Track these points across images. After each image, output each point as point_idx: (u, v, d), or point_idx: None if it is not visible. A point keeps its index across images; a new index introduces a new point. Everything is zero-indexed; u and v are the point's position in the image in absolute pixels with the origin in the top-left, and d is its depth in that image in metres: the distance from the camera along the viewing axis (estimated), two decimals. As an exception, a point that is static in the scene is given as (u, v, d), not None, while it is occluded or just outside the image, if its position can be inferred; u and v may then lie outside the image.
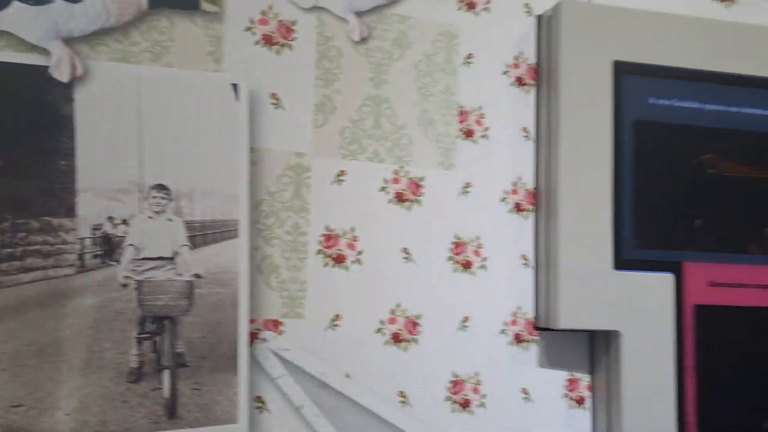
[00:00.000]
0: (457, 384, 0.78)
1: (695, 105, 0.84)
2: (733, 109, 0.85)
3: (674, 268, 0.81)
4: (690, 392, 0.80)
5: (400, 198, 0.78)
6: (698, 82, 0.84)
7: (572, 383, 0.83)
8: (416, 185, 0.79)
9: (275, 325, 0.72)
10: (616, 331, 0.79)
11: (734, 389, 0.82)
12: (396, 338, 0.76)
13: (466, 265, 0.80)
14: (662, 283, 0.81)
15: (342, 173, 0.76)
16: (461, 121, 0.81)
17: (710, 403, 0.80)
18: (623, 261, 0.80)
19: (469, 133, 0.82)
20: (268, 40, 0.75)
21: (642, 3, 0.88)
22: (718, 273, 0.83)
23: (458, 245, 0.80)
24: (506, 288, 0.81)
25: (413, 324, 0.77)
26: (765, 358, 0.83)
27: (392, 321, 0.77)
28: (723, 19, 0.91)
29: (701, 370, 0.81)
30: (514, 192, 0.83)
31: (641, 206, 0.81)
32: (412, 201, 0.79)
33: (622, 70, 0.82)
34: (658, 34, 0.84)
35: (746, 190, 0.84)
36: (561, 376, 0.83)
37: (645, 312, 0.80)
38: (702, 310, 0.82)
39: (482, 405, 0.79)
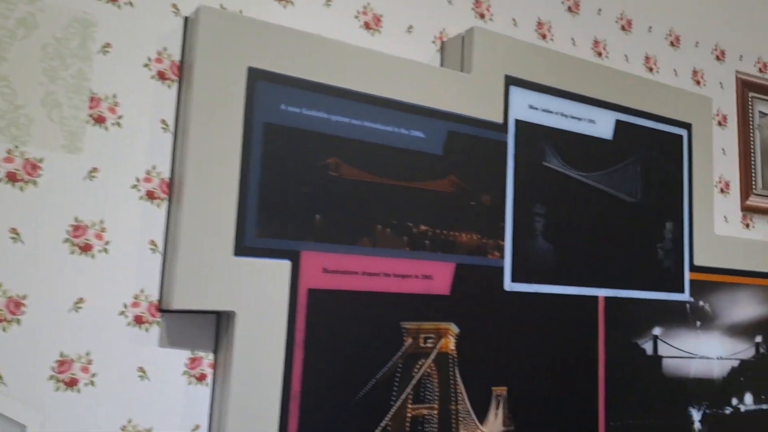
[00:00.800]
0: (64, 363, 0.79)
1: (323, 115, 0.95)
2: (356, 122, 0.98)
3: (292, 255, 0.91)
4: (297, 364, 0.90)
5: (12, 178, 0.77)
6: (327, 95, 0.95)
7: (194, 361, 0.89)
8: (33, 166, 0.79)
9: None
10: (232, 312, 0.87)
11: (339, 361, 0.94)
12: (-6, 317, 0.76)
13: (85, 248, 0.81)
14: (280, 268, 0.90)
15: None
16: (92, 107, 0.83)
17: (315, 373, 0.91)
18: (244, 248, 0.87)
19: (100, 119, 0.83)
20: None
21: (292, 21, 0.99)
22: (331, 261, 0.94)
23: (77, 228, 0.81)
24: (130, 272, 0.84)
25: (16, 304, 0.77)
26: (366, 337, 0.96)
27: (-7, 300, 0.76)
28: (363, 45, 1.05)
29: (309, 344, 0.91)
30: (147, 180, 0.86)
31: (265, 200, 0.89)
32: (26, 182, 0.78)
33: (256, 77, 0.90)
34: (296, 49, 0.93)
35: (361, 192, 0.97)
36: (183, 355, 0.88)
37: (263, 294, 0.88)
38: (314, 293, 0.93)
39: (91, 383, 0.81)
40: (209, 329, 0.90)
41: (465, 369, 1.05)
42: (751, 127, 1.59)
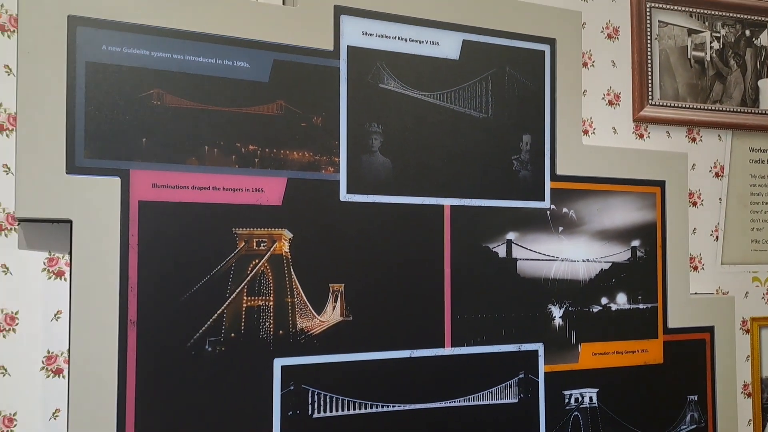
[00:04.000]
0: (-68, 260, 1.00)
1: (143, 52, 1.07)
2: (178, 56, 1.10)
3: (122, 174, 1.06)
4: (133, 263, 1.07)
5: None
6: (147, 35, 1.07)
7: (52, 261, 1.07)
8: None
9: None
10: (70, 220, 1.04)
11: (173, 262, 1.09)
12: None
13: (-57, 171, 1.00)
14: (111, 184, 1.05)
15: None
16: (-61, 58, 1.00)
17: (150, 271, 1.07)
18: (75, 167, 1.03)
19: (-53, 67, 1.01)
20: None
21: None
22: (160, 178, 1.09)
23: (-66, 155, 1.00)
24: (-14, 189, 1.03)
25: None
26: (200, 242, 1.11)
27: None
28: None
29: (143, 247, 1.07)
30: (-5, 115, 1.04)
31: (91, 126, 1.04)
32: None
33: (76, 23, 1.03)
34: (117, -5, 1.06)
35: (185, 118, 1.10)
36: (42, 255, 1.07)
37: (96, 205, 1.04)
38: (146, 204, 1.08)
39: (-41, 275, 1.02)
40: (65, 235, 1.08)
41: (301, 269, 1.18)
42: (648, 38, 1.57)
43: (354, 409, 1.22)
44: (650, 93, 1.56)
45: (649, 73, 1.55)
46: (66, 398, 1.06)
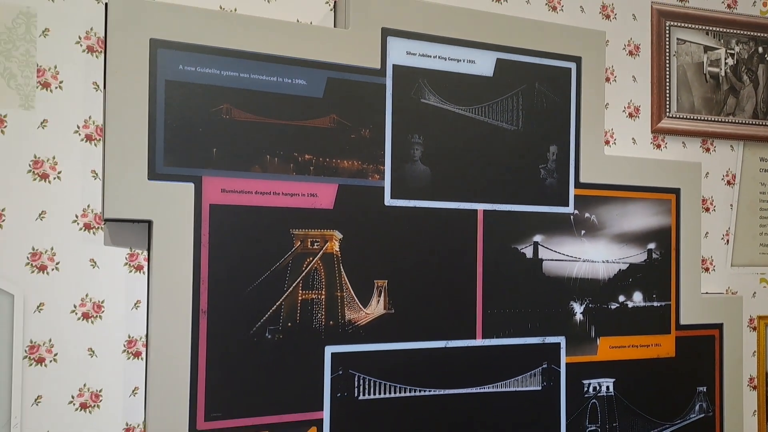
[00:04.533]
0: (35, 255, 1.13)
1: (215, 71, 1.20)
2: (244, 75, 1.22)
3: (195, 180, 1.19)
4: (204, 260, 1.19)
5: (-15, 129, 1.10)
6: (218, 56, 1.19)
7: (132, 256, 1.20)
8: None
9: None
10: (150, 221, 1.17)
11: (239, 258, 1.22)
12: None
13: (43, 176, 1.13)
14: (185, 189, 1.18)
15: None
16: (39, 76, 1.12)
17: (219, 266, 1.20)
18: (156, 174, 1.16)
19: (46, 84, 1.13)
20: None
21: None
22: (228, 184, 1.21)
23: (36, 162, 1.12)
24: (77, 193, 1.16)
25: (-4, 215, 1.10)
26: (262, 241, 1.23)
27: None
28: (264, 10, 1.27)
29: (213, 245, 1.20)
30: (86, 127, 1.16)
31: (169, 138, 1.16)
32: (-5, 131, 1.11)
33: (157, 45, 1.16)
34: (190, 21, 1.17)
35: (250, 130, 1.22)
36: (124, 251, 1.20)
37: (174, 208, 1.17)
38: (215, 207, 1.20)
39: (56, 269, 1.14)
40: (144, 234, 1.21)
41: (349, 266, 1.30)
42: (667, 54, 1.67)
43: (395, 392, 1.34)
44: (668, 106, 1.66)
45: (667, 88, 1.66)
46: (144, 377, 1.19)
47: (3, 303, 1.11)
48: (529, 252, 1.46)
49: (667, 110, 1.67)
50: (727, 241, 1.72)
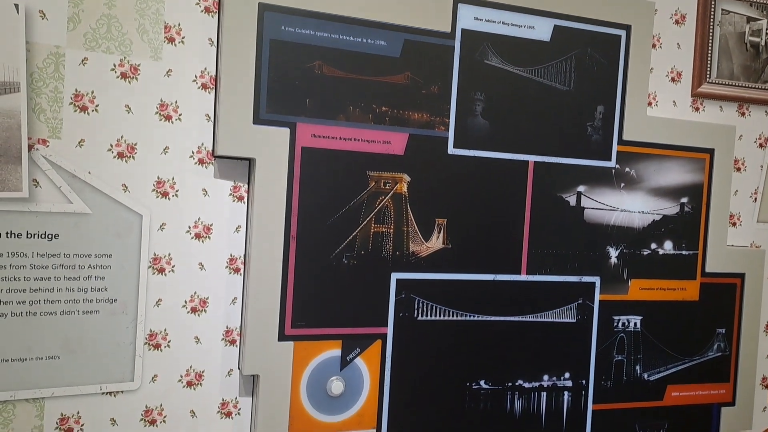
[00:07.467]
0: (160, 183, 1.34)
1: (311, 32, 1.37)
2: (335, 36, 1.39)
3: (291, 125, 1.38)
4: (295, 193, 1.39)
5: (124, 76, 1.30)
6: (314, 19, 1.37)
7: (236, 188, 1.41)
8: (134, 68, 1.30)
9: (44, 141, 1.25)
10: (253, 159, 1.37)
11: (324, 193, 1.42)
12: (120, 155, 1.31)
13: (167, 117, 1.33)
14: (282, 133, 1.37)
15: (84, 59, 1.27)
16: (166, 32, 1.32)
17: (307, 199, 1.40)
18: (259, 119, 1.35)
19: (171, 39, 1.32)
20: (38, -24, 1.21)
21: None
22: (317, 130, 1.40)
23: (162, 105, 1.33)
24: (195, 133, 1.36)
25: (130, 148, 1.32)
26: (342, 181, 1.43)
27: (118, 144, 1.31)
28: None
29: (303, 182, 1.39)
30: (202, 77, 1.35)
31: (271, 89, 1.35)
32: (131, 78, 1.30)
33: (264, 9, 1.33)
34: (292, -14, 1.35)
35: (338, 84, 1.40)
36: (229, 184, 1.41)
37: (273, 149, 1.37)
38: (306, 150, 1.40)
39: (176, 196, 1.36)
40: (245, 169, 1.42)
41: (415, 205, 1.49)
42: (711, 24, 1.78)
43: (448, 315, 1.55)
44: (708, 72, 1.78)
45: (709, 55, 1.77)
46: (242, 290, 1.42)
47: (133, 221, 1.33)
48: (572, 200, 1.63)
49: (708, 76, 1.78)
50: (755, 199, 1.85)
